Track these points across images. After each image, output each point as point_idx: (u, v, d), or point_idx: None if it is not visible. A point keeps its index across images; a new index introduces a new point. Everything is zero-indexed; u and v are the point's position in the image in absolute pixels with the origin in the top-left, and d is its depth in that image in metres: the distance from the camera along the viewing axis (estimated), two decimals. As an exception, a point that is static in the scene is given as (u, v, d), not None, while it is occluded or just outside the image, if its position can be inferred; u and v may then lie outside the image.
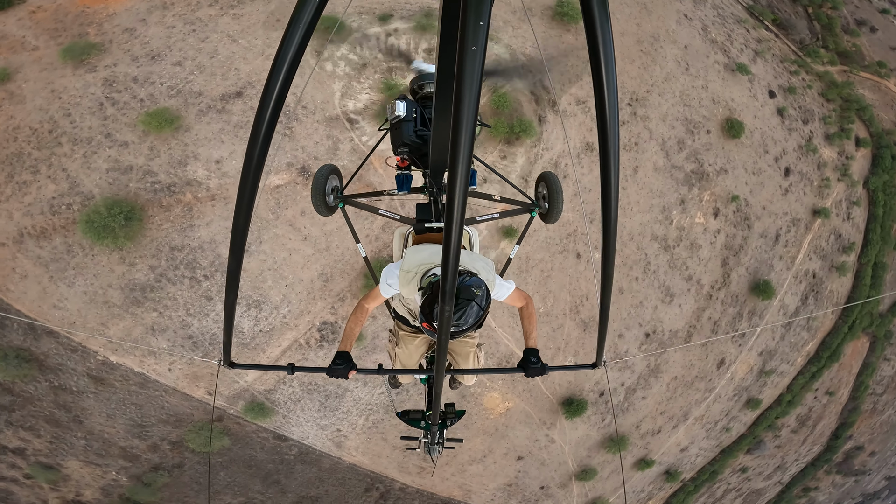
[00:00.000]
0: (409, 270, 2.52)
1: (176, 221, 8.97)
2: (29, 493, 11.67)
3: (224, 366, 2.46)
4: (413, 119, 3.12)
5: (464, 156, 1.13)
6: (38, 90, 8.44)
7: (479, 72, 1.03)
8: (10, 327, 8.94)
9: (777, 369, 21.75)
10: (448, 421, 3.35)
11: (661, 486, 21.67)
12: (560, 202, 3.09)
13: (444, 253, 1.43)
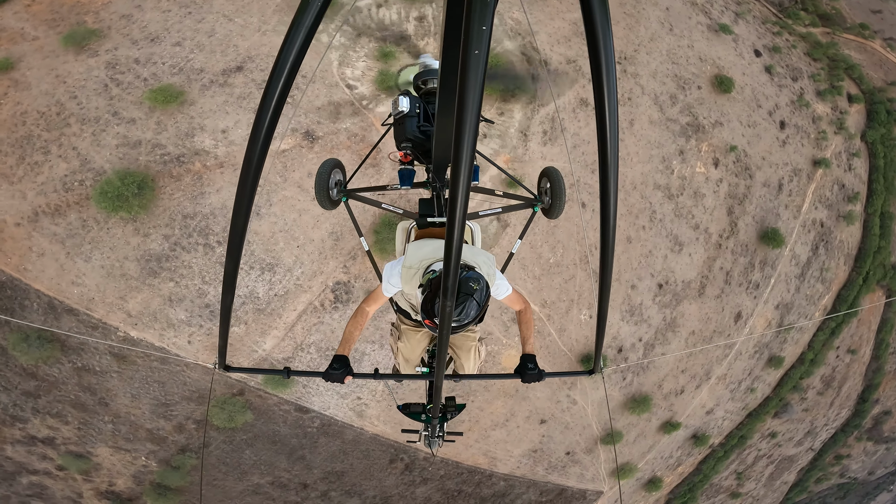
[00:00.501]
0: (411, 266, 2.52)
1: (187, 190, 9.17)
2: (63, 486, 11.71)
3: (219, 369, 2.45)
4: (416, 115, 3.16)
5: (466, 156, 1.14)
6: (42, 76, 8.72)
7: (481, 75, 1.04)
8: (31, 307, 9.09)
9: (796, 324, 21.44)
10: (448, 414, 3.38)
11: (689, 452, 21.20)
12: (563, 197, 3.11)
13: (447, 248, 1.42)
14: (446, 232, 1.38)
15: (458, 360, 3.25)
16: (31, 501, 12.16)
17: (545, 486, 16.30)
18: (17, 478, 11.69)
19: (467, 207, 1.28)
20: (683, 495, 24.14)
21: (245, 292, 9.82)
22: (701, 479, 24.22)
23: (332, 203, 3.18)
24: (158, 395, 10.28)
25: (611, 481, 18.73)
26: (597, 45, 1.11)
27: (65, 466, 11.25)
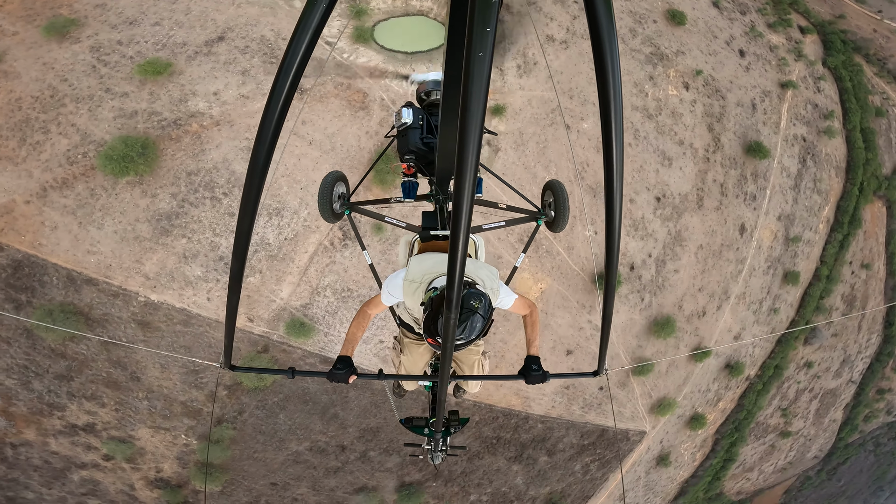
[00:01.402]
0: (413, 280, 2.53)
1: (188, 149, 9.62)
2: (114, 478, 11.57)
3: (224, 367, 2.48)
4: (419, 126, 3.14)
5: (471, 163, 1.13)
6: (30, 65, 9.22)
7: (486, 78, 1.04)
8: (50, 283, 9.33)
9: (803, 237, 21.52)
10: (451, 428, 3.37)
11: (726, 385, 20.69)
12: (566, 211, 3.10)
13: (450, 263, 1.42)
14: (450, 245, 1.37)
15: (461, 373, 3.26)
16: (87, 500, 11.98)
17: (584, 427, 15.88)
18: (68, 475, 11.59)
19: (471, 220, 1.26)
20: (730, 434, 23.35)
21: (256, 240, 10.09)
22: (745, 417, 23.51)
23: (335, 216, 3.16)
24: (187, 363, 10.33)
25: (652, 419, 18.23)
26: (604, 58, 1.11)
27: (111, 455, 11.16)
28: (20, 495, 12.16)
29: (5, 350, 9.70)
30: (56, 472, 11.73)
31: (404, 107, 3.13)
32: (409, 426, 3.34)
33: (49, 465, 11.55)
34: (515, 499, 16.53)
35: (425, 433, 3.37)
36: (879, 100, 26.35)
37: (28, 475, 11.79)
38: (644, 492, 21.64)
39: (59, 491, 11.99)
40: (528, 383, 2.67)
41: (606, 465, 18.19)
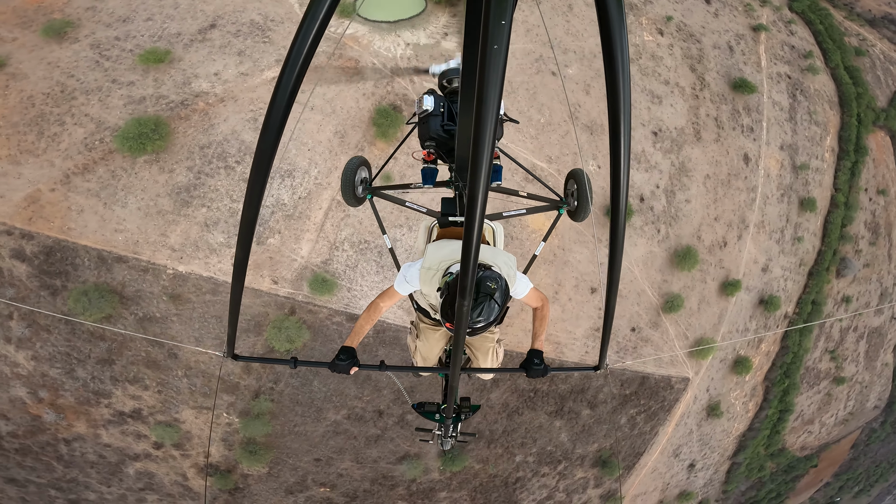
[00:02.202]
0: (430, 268, 2.54)
1: (197, 126, 10.26)
2: (167, 468, 11.62)
3: (227, 357, 2.52)
4: (441, 114, 3.17)
5: (485, 152, 1.13)
6: (35, 66, 9.87)
7: (501, 70, 1.04)
8: (83, 265, 9.78)
9: (810, 164, 21.31)
10: (462, 415, 3.40)
11: (764, 323, 19.92)
12: (589, 200, 3.14)
13: (464, 248, 1.42)
14: (464, 231, 1.37)
15: (476, 361, 3.26)
16: (145, 495, 11.98)
17: (622, 374, 15.39)
18: (124, 468, 11.69)
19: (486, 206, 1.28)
20: (781, 381, 22.25)
21: (272, 202, 10.51)
22: (793, 361, 22.47)
23: (357, 200, 3.25)
24: (219, 333, 10.54)
25: (693, 364, 17.55)
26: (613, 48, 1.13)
27: (160, 442, 11.27)
28: (82, 497, 12.23)
29: (46, 339, 10.07)
30: (112, 467, 11.82)
31: (426, 94, 3.18)
32: (421, 411, 3.38)
33: (104, 459, 11.66)
34: (563, 458, 15.85)
35: (436, 419, 3.39)
36: (856, 41, 26.62)
37: (86, 473, 11.89)
38: (699, 447, 20.51)
39: (117, 488, 12.04)
40: (529, 377, 2.72)
41: (654, 418, 17.43)
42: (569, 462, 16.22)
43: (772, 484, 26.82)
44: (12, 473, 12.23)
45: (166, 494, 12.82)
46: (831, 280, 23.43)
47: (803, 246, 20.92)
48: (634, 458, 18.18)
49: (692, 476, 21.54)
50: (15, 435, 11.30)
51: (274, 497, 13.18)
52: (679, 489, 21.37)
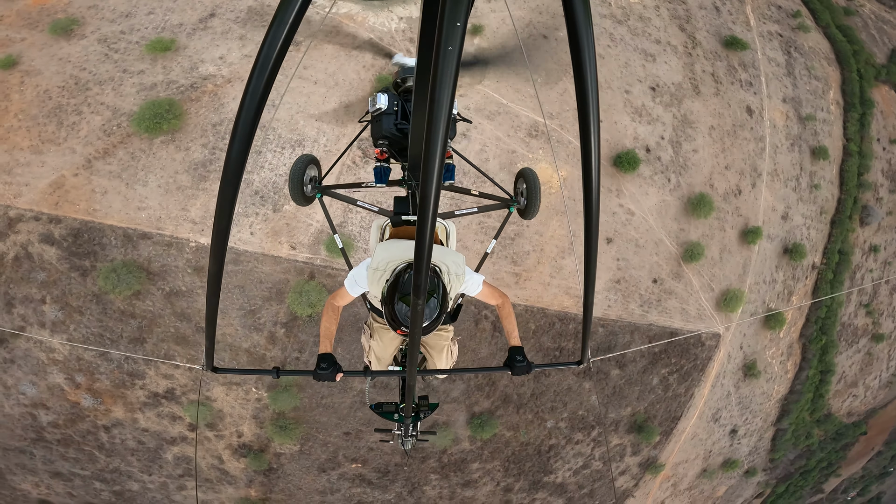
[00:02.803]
0: (377, 268, 2.51)
1: (208, 105, 10.75)
2: (203, 452, 11.73)
3: (207, 370, 2.49)
4: (394, 112, 3.17)
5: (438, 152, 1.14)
6: (47, 62, 10.41)
7: (454, 72, 1.05)
8: (109, 244, 10.17)
9: (816, 116, 21.03)
10: (421, 414, 3.42)
11: (793, 274, 19.31)
12: (538, 199, 3.20)
13: (417, 247, 1.43)
14: (416, 230, 1.38)
15: (431, 359, 3.27)
16: (185, 482, 12.05)
17: (649, 330, 15.01)
18: (162, 454, 11.83)
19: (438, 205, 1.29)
20: (817, 338, 21.38)
21: (284, 170, 10.83)
22: (827, 315, 21.65)
23: (305, 199, 3.20)
24: (243, 303, 10.75)
25: (721, 317, 17.04)
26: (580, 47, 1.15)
27: (195, 423, 11.40)
28: (126, 488, 12.35)
29: (79, 321, 10.40)
30: (151, 454, 11.96)
31: (379, 92, 3.20)
32: (379, 412, 3.38)
33: (143, 445, 11.81)
34: (596, 423, 15.38)
35: (395, 419, 3.39)
36: (844, 0, 26.53)
37: (128, 462, 12.05)
38: (740, 411, 19.67)
39: (158, 475, 12.15)
40: (514, 374, 2.72)
41: (688, 378, 16.86)
42: (603, 427, 15.73)
43: (821, 452, 25.43)
44: (57, 467, 12.45)
45: (204, 480, 12.84)
46: (855, 228, 22.74)
47: (821, 194, 20.44)
48: (671, 423, 17.53)
49: (735, 443, 20.60)
50: (56, 425, 11.55)
51: (307, 476, 13.07)
52: (723, 457, 20.43)
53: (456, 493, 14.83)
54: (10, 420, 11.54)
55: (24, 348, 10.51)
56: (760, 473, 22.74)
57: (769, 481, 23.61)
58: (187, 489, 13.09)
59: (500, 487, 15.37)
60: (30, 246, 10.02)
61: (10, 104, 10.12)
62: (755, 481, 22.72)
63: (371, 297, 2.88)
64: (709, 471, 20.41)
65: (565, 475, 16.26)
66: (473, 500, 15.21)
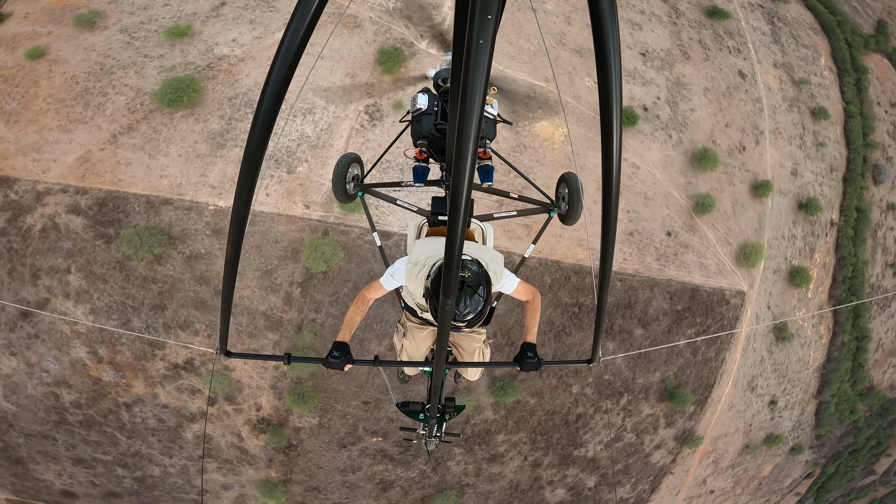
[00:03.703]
0: (416, 263, 2.53)
1: (224, 82, 11.43)
2: (222, 428, 11.57)
3: (220, 354, 2.50)
4: (434, 112, 3.17)
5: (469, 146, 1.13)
6: (73, 52, 11.18)
7: (486, 65, 1.04)
8: (133, 211, 10.54)
9: (810, 80, 21.31)
10: (447, 415, 3.41)
11: (812, 230, 18.87)
12: (580, 204, 3.16)
13: (448, 244, 1.40)
14: (447, 227, 1.36)
15: (462, 360, 3.32)
16: (206, 463, 11.79)
17: (669, 285, 14.66)
18: (182, 433, 11.69)
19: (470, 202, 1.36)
20: (847, 299, 20.55)
21: (297, 135, 11.29)
22: (854, 275, 20.94)
23: (348, 197, 3.28)
24: (260, 264, 10.93)
25: (743, 273, 16.58)
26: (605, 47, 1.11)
27: (213, 397, 11.33)
28: (148, 473, 12.12)
29: (103, 289, 10.63)
30: (171, 433, 11.80)
31: (420, 92, 3.22)
32: (405, 410, 3.38)
33: (163, 424, 11.67)
34: (624, 390, 14.75)
35: (420, 418, 3.39)
36: None
37: (148, 443, 11.88)
38: (777, 380, 18.70)
39: (178, 458, 11.93)
40: (522, 370, 2.78)
41: (717, 340, 16.24)
42: (632, 395, 15.07)
43: (869, 430, 23.79)
44: (79, 452, 12.30)
45: (224, 461, 12.54)
46: (869, 187, 22.38)
47: (829, 152, 20.34)
48: (705, 391, 16.72)
49: (776, 416, 19.45)
50: (78, 405, 11.53)
51: (328, 452, 12.66)
52: (765, 431, 19.23)
53: (482, 468, 14.14)
54: (34, 402, 11.57)
55: (48, 321, 10.71)
56: (807, 451, 21.26)
57: (818, 460, 22.01)
58: (208, 472, 12.75)
59: (528, 462, 14.64)
60: (57, 217, 10.46)
61: (39, 90, 10.89)
62: (802, 459, 21.21)
63: (406, 294, 2.89)
64: (751, 447, 19.18)
65: (596, 449, 15.44)
66: (500, 476, 14.47)
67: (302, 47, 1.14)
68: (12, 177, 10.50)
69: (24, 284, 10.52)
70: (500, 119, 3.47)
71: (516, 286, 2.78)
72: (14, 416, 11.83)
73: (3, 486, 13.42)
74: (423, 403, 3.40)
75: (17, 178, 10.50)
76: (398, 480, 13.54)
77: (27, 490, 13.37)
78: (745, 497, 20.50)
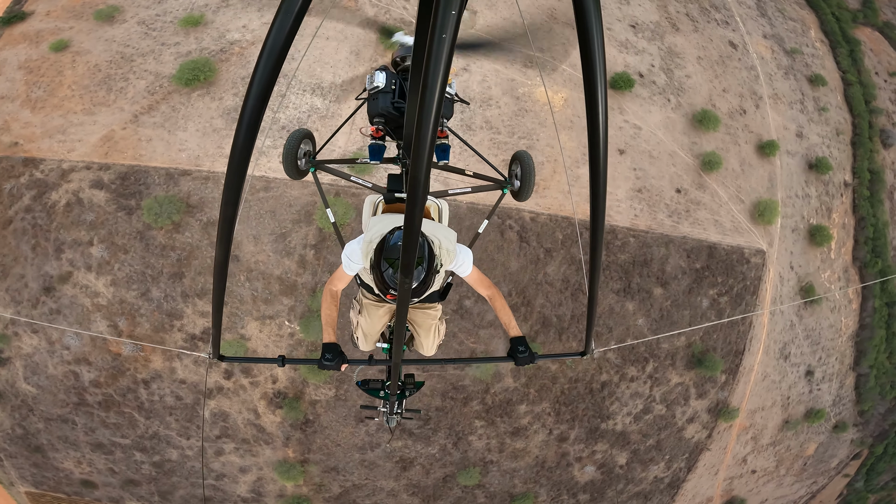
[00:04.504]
0: (370, 241, 2.49)
1: (236, 63, 12.11)
2: (239, 404, 11.50)
3: (213, 358, 2.50)
4: (392, 90, 3.14)
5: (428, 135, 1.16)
6: (95, 43, 11.97)
7: (448, 58, 1.05)
8: (153, 183, 10.93)
9: (802, 50, 21.66)
10: (407, 391, 3.42)
11: (825, 190, 18.54)
12: (532, 181, 3.24)
13: (406, 224, 1.42)
14: (406, 207, 1.38)
15: (418, 337, 3.27)
16: (222, 444, 11.54)
17: (684, 242, 14.39)
18: (199, 411, 11.53)
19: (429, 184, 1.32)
20: (872, 262, 19.87)
21: (307, 107, 11.77)
22: (876, 236, 20.36)
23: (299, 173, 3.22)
24: (274, 228, 11.13)
25: (763, 233, 16.21)
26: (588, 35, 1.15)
27: (230, 369, 11.26)
28: (166, 457, 11.92)
29: (124, 259, 10.87)
30: (188, 411, 11.68)
31: (378, 70, 3.16)
32: (366, 388, 3.39)
33: (181, 401, 11.57)
34: (649, 355, 14.20)
35: (381, 395, 3.42)
36: None
37: (166, 423, 11.74)
38: (810, 347, 17.84)
39: (195, 439, 11.75)
40: (517, 364, 2.73)
41: (741, 302, 15.70)
42: (657, 361, 14.49)
43: (917, 405, 22.31)
44: (98, 437, 12.17)
45: (241, 441, 12.26)
46: (879, 150, 22.12)
47: (832, 116, 20.32)
48: (735, 358, 16.02)
49: (814, 388, 18.41)
50: (97, 383, 11.53)
51: (345, 428, 12.30)
52: (804, 406, 18.15)
53: (505, 443, 13.51)
54: (54, 383, 11.60)
55: (70, 295, 10.92)
56: (852, 429, 19.90)
57: (864, 439, 20.54)
58: (225, 454, 12.44)
59: (554, 437, 13.96)
60: (80, 192, 10.89)
61: (64, 79, 11.64)
62: (847, 438, 19.82)
63: (363, 272, 2.84)
64: (791, 422, 18.06)
65: (625, 422, 14.70)
66: (525, 452, 13.78)
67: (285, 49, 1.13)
68: (38, 157, 11.05)
69: (48, 259, 10.83)
70: (458, 98, 3.51)
71: (471, 271, 2.74)
72: (34, 399, 11.85)
73: (24, 478, 13.24)
74: (382, 381, 3.41)
75: (42, 159, 11.05)
76: (418, 458, 13.02)
77: (47, 482, 13.15)
78: (790, 478, 19.08)
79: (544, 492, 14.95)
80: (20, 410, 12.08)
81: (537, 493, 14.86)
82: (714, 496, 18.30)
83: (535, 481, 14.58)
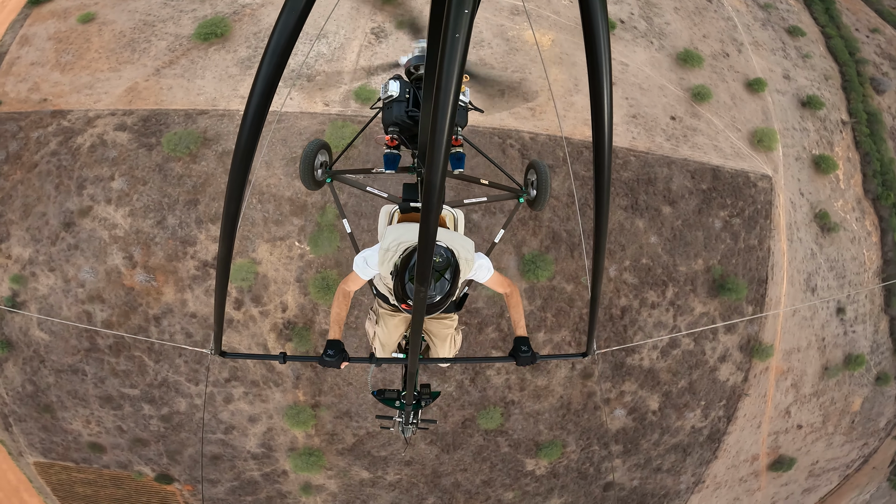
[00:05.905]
0: (387, 249, 2.50)
1: (248, 21, 13.31)
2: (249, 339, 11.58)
3: (215, 354, 2.54)
4: (406, 99, 3.17)
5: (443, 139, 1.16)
6: (118, 14, 13.08)
7: (461, 60, 1.04)
8: (173, 123, 11.64)
9: (776, 5, 22.69)
10: (423, 401, 3.42)
11: (823, 126, 18.62)
12: (548, 190, 3.20)
13: (422, 233, 1.42)
14: (421, 216, 1.39)
15: (434, 347, 3.31)
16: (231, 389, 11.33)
17: (686, 163, 14.44)
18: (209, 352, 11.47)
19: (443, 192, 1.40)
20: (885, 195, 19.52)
21: (314, 54, 12.71)
22: (884, 171, 20.13)
23: (316, 184, 3.27)
24: (285, 153, 11.66)
25: (765, 159, 16.17)
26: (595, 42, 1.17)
27: (240, 298, 11.29)
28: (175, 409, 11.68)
29: (142, 190, 11.35)
30: (198, 354, 11.58)
31: (391, 79, 3.22)
32: (381, 398, 3.42)
33: (191, 339, 11.49)
34: (666, 277, 13.76)
35: (396, 405, 3.43)
36: None
37: (175, 366, 11.61)
38: (836, 281, 17.10)
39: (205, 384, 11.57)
40: (518, 364, 2.79)
41: (755, 224, 15.39)
42: (676, 285, 14.02)
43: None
44: (107, 388, 12.01)
45: (251, 384, 11.96)
46: (873, 96, 22.42)
47: (817, 63, 20.92)
48: (759, 288, 15.41)
49: (848, 330, 17.38)
50: (109, 323, 11.60)
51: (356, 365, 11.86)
52: (841, 350, 17.05)
53: (526, 380, 12.85)
54: (65, 328, 11.69)
55: (88, 229, 11.33)
56: (894, 382, 18.39)
57: (913, 391, 18.94)
58: (234, 400, 12.07)
59: (577, 372, 13.26)
60: (105, 135, 11.66)
61: (91, 44, 12.86)
62: (892, 394, 18.25)
63: (378, 281, 2.86)
64: (831, 369, 16.86)
65: (652, 357, 13.94)
66: (548, 391, 13.05)
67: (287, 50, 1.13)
68: (66, 109, 11.98)
69: (70, 196, 11.39)
70: (472, 107, 3.53)
71: (491, 276, 2.75)
72: (46, 347, 11.90)
73: (32, 445, 12.92)
74: (398, 391, 3.42)
75: (70, 110, 11.97)
76: (437, 393, 12.45)
77: (56, 448, 12.81)
78: (840, 437, 17.41)
79: (573, 440, 13.96)
80: (31, 363, 12.08)
81: (565, 440, 13.88)
82: (760, 454, 16.76)
83: (561, 427, 13.68)
